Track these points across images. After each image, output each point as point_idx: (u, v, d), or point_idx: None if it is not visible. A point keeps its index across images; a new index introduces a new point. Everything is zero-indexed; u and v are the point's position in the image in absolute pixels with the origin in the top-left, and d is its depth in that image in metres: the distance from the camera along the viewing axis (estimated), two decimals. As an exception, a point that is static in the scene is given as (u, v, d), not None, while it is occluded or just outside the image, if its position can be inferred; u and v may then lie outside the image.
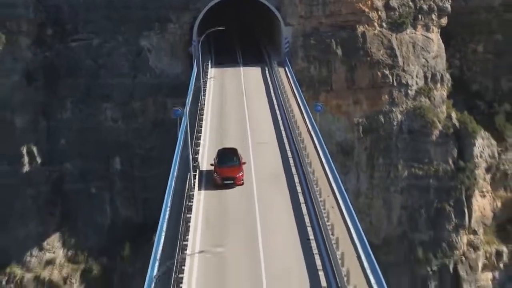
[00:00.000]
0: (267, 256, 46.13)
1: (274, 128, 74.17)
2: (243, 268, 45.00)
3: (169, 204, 52.73)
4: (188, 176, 55.75)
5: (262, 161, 64.52)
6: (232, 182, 57.79)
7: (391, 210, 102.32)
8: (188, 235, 48.59)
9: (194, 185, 56.82)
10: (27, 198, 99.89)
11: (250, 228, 52.47)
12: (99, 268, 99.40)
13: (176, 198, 54.63)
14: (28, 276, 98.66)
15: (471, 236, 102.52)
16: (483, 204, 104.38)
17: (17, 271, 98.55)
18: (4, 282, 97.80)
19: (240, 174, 58.37)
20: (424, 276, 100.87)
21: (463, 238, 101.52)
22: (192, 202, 53.30)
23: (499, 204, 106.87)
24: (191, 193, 55.24)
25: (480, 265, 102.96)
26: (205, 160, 64.96)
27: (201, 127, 71.27)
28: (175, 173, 58.01)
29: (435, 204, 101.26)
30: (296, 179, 61.95)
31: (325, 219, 50.74)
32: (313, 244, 48.71)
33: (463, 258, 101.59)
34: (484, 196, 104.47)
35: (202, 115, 74.64)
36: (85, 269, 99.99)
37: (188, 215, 50.33)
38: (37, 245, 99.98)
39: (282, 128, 73.54)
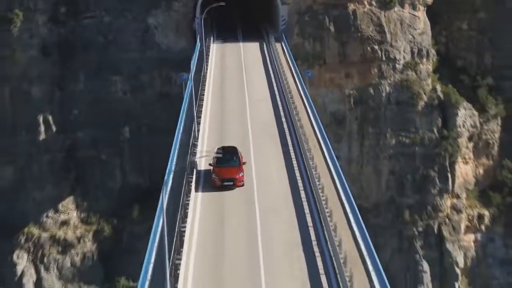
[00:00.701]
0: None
1: (269, 92, 79.25)
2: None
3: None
4: (193, 129, 60.58)
5: (257, 113, 71.32)
6: (232, 183, 54.14)
7: (380, 176, 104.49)
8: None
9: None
10: (43, 164, 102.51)
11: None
12: (110, 228, 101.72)
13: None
14: (45, 235, 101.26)
15: (454, 200, 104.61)
16: (465, 171, 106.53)
17: (35, 231, 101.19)
18: (23, 241, 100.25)
19: (240, 175, 54.63)
20: (411, 236, 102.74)
21: (447, 202, 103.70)
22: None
23: (481, 171, 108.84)
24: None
25: (462, 227, 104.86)
26: (207, 120, 69.69)
27: (204, 90, 76.00)
28: (181, 127, 57.91)
29: (421, 170, 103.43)
30: (285, 127, 67.37)
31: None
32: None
33: (447, 220, 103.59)
34: (467, 163, 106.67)
35: (205, 81, 79.20)
36: (97, 230, 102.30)
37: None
38: (52, 207, 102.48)
39: (276, 91, 78.21)
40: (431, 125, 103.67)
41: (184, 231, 43.67)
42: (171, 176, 42.28)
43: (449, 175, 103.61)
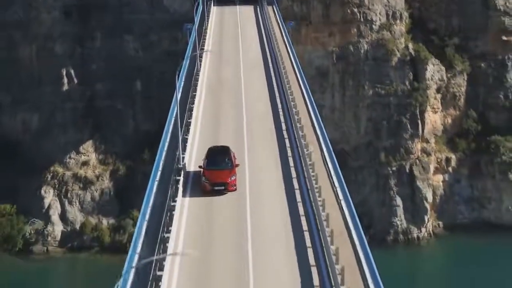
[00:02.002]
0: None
1: (258, 39, 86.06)
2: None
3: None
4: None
5: (248, 57, 77.46)
6: (223, 188, 45.97)
7: (359, 122, 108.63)
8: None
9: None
10: (66, 112, 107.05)
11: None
12: (124, 168, 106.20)
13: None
14: (68, 174, 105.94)
15: (424, 144, 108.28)
16: (434, 119, 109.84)
17: (59, 170, 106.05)
18: (49, 179, 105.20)
19: (232, 178, 46.45)
20: (386, 175, 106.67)
21: (417, 145, 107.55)
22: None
23: (449, 120, 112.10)
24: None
25: (432, 168, 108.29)
26: (208, 60, 75.31)
27: (205, 40, 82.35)
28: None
29: (395, 117, 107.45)
30: (270, 63, 72.50)
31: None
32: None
33: (417, 161, 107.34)
34: (436, 112, 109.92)
35: (206, 34, 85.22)
36: (113, 169, 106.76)
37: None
38: (74, 149, 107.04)
39: (265, 42, 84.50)
40: (403, 78, 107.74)
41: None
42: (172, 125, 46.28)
43: (419, 122, 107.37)
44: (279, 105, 63.15)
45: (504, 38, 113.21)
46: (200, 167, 47.14)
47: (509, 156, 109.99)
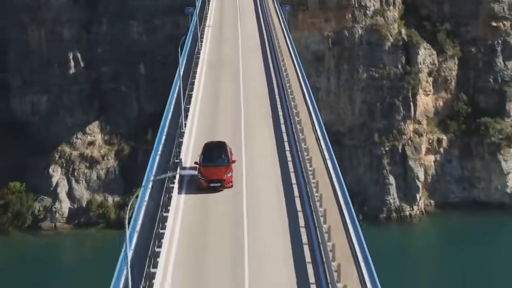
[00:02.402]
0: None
1: (256, 20, 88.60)
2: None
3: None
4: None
5: (246, 32, 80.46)
6: (219, 185, 43.34)
7: (354, 104, 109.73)
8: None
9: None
10: (73, 94, 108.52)
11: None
12: (128, 148, 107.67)
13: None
14: (75, 153, 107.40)
15: (416, 125, 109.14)
16: (426, 101, 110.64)
17: (67, 149, 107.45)
18: (57, 158, 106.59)
19: (229, 175, 43.77)
20: (379, 155, 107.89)
21: (410, 126, 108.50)
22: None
23: (441, 103, 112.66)
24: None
25: (423, 148, 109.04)
26: (209, 37, 77.68)
27: (206, 21, 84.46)
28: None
29: (388, 99, 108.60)
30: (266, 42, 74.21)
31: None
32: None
33: (410, 142, 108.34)
34: (427, 95, 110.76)
35: (206, 19, 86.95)
36: (118, 149, 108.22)
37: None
38: (81, 130, 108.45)
39: (263, 27, 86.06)
40: (396, 62, 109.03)
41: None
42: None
43: (412, 104, 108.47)
44: (274, 81, 65.13)
45: (494, 24, 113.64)
46: (196, 163, 44.56)
47: (498, 138, 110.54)
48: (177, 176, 41.94)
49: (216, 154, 44.74)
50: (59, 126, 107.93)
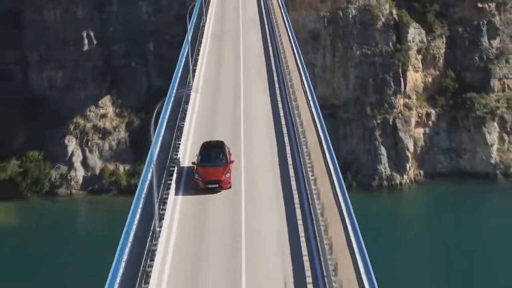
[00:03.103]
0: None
1: (257, 4, 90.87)
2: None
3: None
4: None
5: (246, 13, 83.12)
6: (217, 186, 40.64)
7: (348, 79, 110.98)
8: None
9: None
10: (87, 70, 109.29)
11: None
12: (138, 120, 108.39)
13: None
14: (88, 125, 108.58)
15: (406, 100, 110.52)
16: (415, 77, 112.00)
17: (81, 121, 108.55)
18: (72, 129, 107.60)
19: (227, 176, 41.01)
20: (372, 127, 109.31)
21: (400, 101, 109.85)
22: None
23: (430, 79, 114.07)
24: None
25: (413, 121, 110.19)
26: (213, 15, 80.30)
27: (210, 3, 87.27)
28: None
29: (380, 75, 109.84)
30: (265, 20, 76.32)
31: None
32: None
33: (400, 115, 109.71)
34: (417, 71, 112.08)
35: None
36: (129, 121, 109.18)
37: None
38: (94, 103, 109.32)
39: (262, 7, 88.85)
40: (387, 40, 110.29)
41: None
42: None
43: (402, 80, 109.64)
44: (270, 47, 69.81)
45: (480, 5, 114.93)
46: (193, 163, 41.93)
47: (483, 111, 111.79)
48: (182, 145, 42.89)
49: (214, 154, 42.16)
50: (74, 100, 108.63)
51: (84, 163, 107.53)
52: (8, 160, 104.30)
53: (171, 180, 39.41)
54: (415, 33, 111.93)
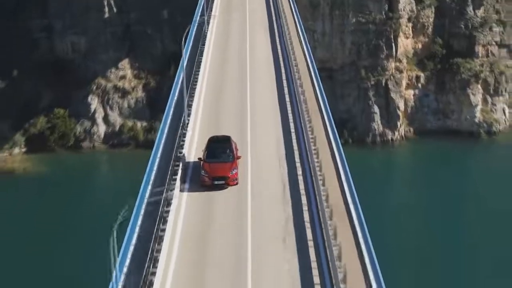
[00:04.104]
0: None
1: None
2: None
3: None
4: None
5: None
6: (223, 182, 38.53)
7: (345, 45, 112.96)
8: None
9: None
10: (107, 35, 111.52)
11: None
12: (154, 82, 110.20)
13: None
14: (109, 85, 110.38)
15: (398, 63, 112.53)
16: (406, 43, 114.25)
17: (102, 82, 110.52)
18: (94, 89, 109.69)
19: (234, 172, 38.96)
20: (366, 88, 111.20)
21: (392, 64, 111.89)
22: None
23: (420, 45, 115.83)
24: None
25: (404, 83, 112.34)
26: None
27: None
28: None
29: (373, 41, 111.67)
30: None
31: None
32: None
33: (392, 77, 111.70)
34: (407, 38, 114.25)
35: None
36: (145, 82, 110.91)
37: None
38: (114, 66, 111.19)
39: None
40: (380, 9, 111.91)
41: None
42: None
43: (393, 45, 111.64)
44: (273, 16, 73.85)
45: None
46: (199, 159, 39.91)
47: (468, 75, 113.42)
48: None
49: (220, 150, 40.06)
50: (96, 63, 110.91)
51: (106, 119, 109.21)
52: (38, 117, 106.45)
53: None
54: (405, 3, 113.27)
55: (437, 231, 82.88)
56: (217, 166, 38.71)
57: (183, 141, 40.71)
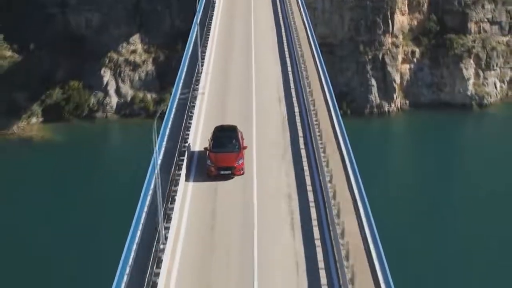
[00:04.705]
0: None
1: None
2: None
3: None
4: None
5: None
6: (229, 172, 38.16)
7: (344, 21, 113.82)
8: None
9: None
10: (119, 11, 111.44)
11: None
12: (163, 56, 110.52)
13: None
14: (121, 59, 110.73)
15: (394, 39, 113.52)
16: (402, 20, 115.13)
17: (114, 56, 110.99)
18: (107, 62, 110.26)
19: (240, 162, 38.46)
20: (364, 62, 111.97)
21: (388, 39, 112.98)
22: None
23: (415, 22, 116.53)
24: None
25: (400, 58, 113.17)
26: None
27: None
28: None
29: (371, 17, 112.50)
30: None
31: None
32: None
33: (388, 52, 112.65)
34: (403, 14, 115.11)
35: None
36: (155, 56, 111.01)
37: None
38: (125, 40, 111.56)
39: None
40: None
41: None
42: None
43: (390, 21, 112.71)
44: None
45: None
46: (205, 148, 39.26)
47: (461, 50, 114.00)
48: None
49: (226, 140, 39.38)
50: (108, 37, 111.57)
51: (118, 91, 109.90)
52: (54, 89, 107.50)
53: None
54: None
55: (429, 193, 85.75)
56: (223, 156, 38.11)
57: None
